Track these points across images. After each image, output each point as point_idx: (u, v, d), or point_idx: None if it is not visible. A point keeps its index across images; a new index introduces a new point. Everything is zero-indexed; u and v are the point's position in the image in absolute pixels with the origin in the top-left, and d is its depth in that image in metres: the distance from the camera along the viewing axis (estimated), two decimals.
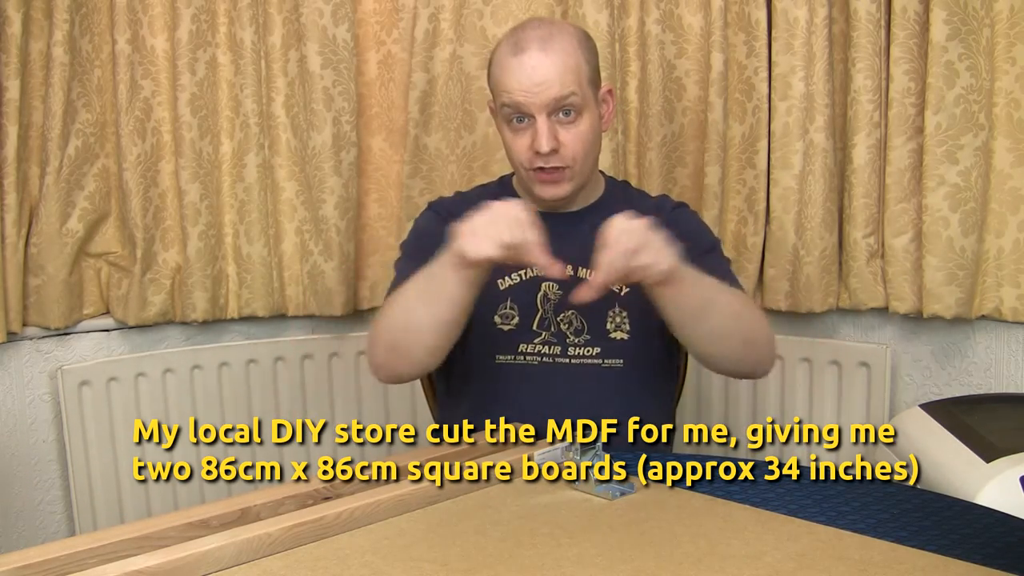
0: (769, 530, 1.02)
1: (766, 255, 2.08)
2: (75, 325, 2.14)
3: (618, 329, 1.47)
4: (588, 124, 1.44)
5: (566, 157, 1.43)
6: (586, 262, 1.44)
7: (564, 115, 1.42)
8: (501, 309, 1.48)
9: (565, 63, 1.41)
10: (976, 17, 1.84)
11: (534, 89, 1.40)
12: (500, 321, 1.48)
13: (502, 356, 1.48)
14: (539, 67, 1.40)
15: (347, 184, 2.17)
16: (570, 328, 1.48)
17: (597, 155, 1.51)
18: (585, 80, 1.43)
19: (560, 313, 1.48)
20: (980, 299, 1.93)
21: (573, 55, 1.42)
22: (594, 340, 1.47)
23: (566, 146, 1.43)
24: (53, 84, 2.00)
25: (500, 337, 1.48)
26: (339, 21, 2.11)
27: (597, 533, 1.03)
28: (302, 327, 2.29)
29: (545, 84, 1.40)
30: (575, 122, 1.43)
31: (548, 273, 1.25)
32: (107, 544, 0.97)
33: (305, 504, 1.10)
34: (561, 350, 1.47)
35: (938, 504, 1.11)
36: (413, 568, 0.96)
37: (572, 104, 1.41)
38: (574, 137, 1.43)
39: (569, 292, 1.40)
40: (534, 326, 1.48)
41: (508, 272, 1.49)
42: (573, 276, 1.46)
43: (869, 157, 1.96)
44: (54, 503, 2.16)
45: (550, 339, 1.48)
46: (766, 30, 2.01)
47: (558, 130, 1.42)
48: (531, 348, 1.48)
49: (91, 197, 2.11)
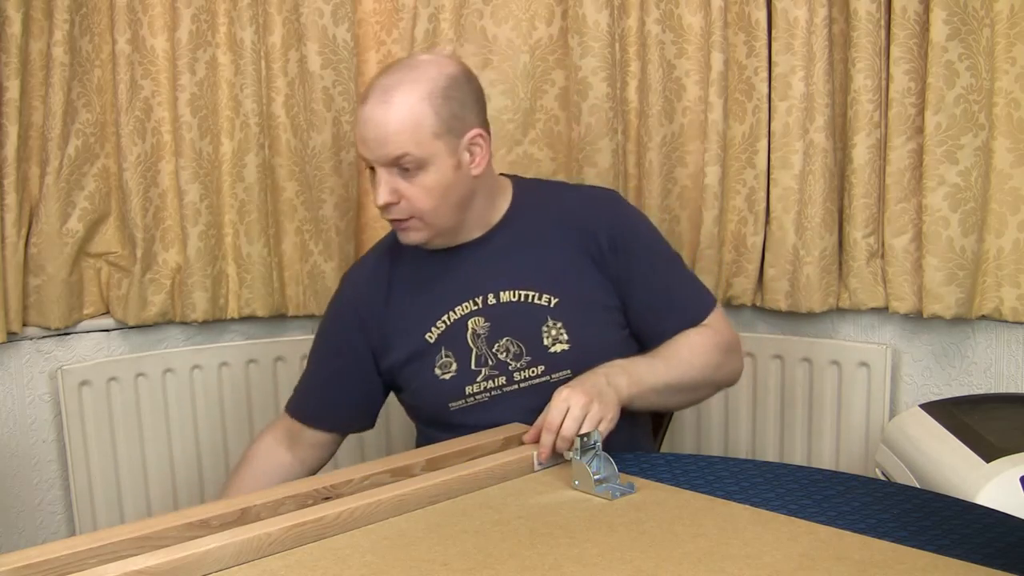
0: (769, 530, 1.02)
1: (766, 255, 2.08)
2: (75, 325, 2.14)
3: (556, 342, 1.44)
4: (435, 177, 1.38)
5: (409, 210, 1.40)
6: (499, 285, 1.47)
7: (404, 169, 1.38)
8: (438, 360, 1.46)
9: (401, 120, 1.35)
10: (976, 17, 1.84)
11: (369, 144, 1.38)
12: (441, 372, 1.46)
13: (454, 403, 1.46)
14: (371, 122, 1.36)
15: (347, 184, 2.17)
16: (508, 355, 1.45)
17: (458, 201, 1.43)
18: (427, 135, 1.36)
19: (494, 344, 1.45)
20: (980, 299, 1.93)
21: (412, 110, 1.35)
22: (536, 359, 1.44)
23: (408, 199, 1.39)
24: (53, 84, 2.00)
25: (446, 386, 1.46)
26: (339, 21, 2.11)
27: (597, 533, 1.03)
28: (302, 327, 2.29)
29: (377, 141, 1.36)
30: (417, 175, 1.38)
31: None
32: (107, 544, 0.97)
33: (305, 504, 1.10)
34: (507, 379, 1.45)
35: (938, 504, 1.11)
36: (413, 568, 0.96)
37: (409, 161, 1.37)
38: (416, 191, 1.38)
39: (498, 321, 1.45)
40: (472, 365, 1.45)
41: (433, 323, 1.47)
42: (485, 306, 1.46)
43: (869, 157, 1.96)
44: (54, 503, 2.17)
45: (491, 373, 1.45)
46: (766, 30, 2.00)
47: (399, 183, 1.38)
48: (477, 388, 1.45)
49: (91, 197, 2.11)
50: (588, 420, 1.25)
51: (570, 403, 1.26)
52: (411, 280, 1.51)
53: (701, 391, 1.50)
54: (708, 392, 1.53)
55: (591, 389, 1.29)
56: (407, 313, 1.49)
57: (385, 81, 1.38)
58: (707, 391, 1.52)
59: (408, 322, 1.49)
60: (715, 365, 1.47)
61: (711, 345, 1.47)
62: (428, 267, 1.50)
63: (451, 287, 1.48)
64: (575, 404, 1.25)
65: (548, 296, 1.45)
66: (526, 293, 1.46)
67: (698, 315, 1.49)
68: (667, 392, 1.41)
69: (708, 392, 1.53)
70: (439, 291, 1.48)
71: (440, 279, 1.49)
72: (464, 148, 1.41)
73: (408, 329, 1.49)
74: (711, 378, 1.48)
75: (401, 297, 1.51)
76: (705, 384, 1.49)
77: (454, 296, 1.47)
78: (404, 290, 1.51)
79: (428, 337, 1.47)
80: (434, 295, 1.48)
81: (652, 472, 1.24)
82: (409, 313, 1.49)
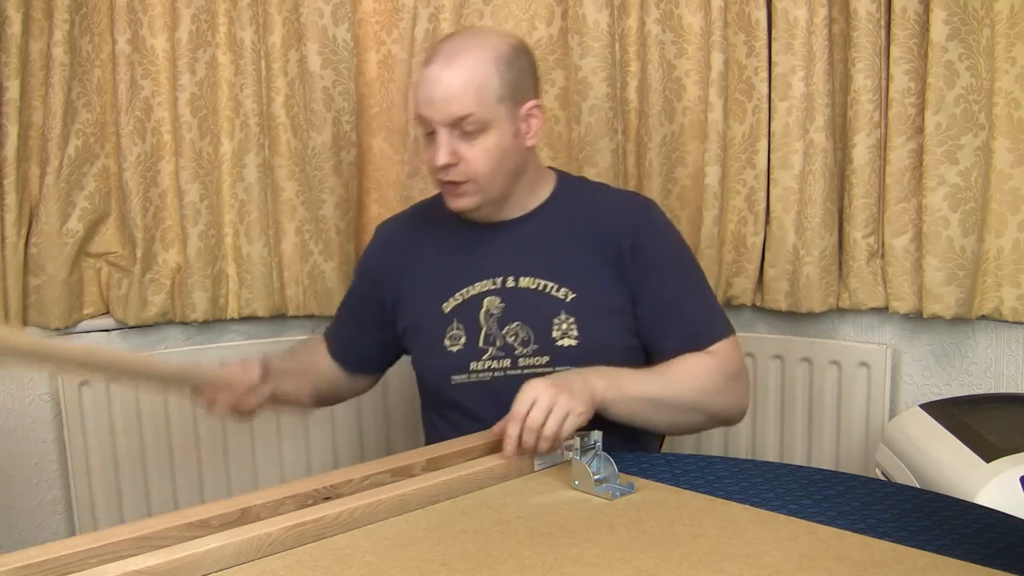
0: (769, 530, 1.02)
1: (766, 255, 2.08)
2: (75, 325, 2.14)
3: (565, 336, 1.45)
4: (495, 140, 1.41)
5: (466, 172, 1.42)
6: (521, 270, 1.48)
7: (465, 132, 1.40)
8: (449, 331, 1.49)
9: (468, 80, 1.38)
10: (976, 17, 1.84)
11: (434, 104, 1.39)
12: (449, 343, 1.48)
13: (457, 376, 1.48)
14: (439, 82, 1.39)
15: (347, 184, 2.17)
16: (517, 340, 1.46)
17: (512, 169, 1.46)
18: (491, 98, 1.39)
19: (505, 327, 1.47)
20: (980, 299, 1.93)
21: (479, 72, 1.39)
22: (542, 349, 1.45)
23: (467, 161, 1.41)
24: (53, 84, 2.00)
25: (452, 358, 1.48)
26: (339, 21, 2.11)
27: (597, 533, 1.03)
28: (302, 327, 2.29)
29: (444, 100, 1.39)
30: (477, 138, 1.40)
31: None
32: (107, 544, 0.97)
33: (305, 504, 1.10)
34: (511, 362, 1.46)
35: (938, 504, 1.11)
36: (413, 568, 0.96)
37: (472, 123, 1.39)
38: (476, 153, 1.41)
39: (512, 304, 1.47)
40: (480, 343, 1.47)
41: (451, 294, 1.50)
42: (503, 287, 1.49)
43: (869, 157, 1.96)
44: (54, 503, 2.16)
45: (497, 354, 1.46)
46: (766, 30, 2.00)
47: (459, 144, 1.41)
48: (481, 365, 1.47)
49: (91, 197, 2.11)
50: (555, 412, 1.23)
51: (537, 394, 1.25)
52: (438, 247, 1.55)
53: (692, 415, 1.44)
54: (701, 420, 1.46)
55: (561, 383, 1.28)
56: (427, 279, 1.53)
57: (451, 45, 1.43)
58: (700, 418, 1.46)
59: (427, 288, 1.52)
60: (712, 391, 1.43)
61: (713, 371, 1.43)
62: (457, 239, 1.54)
63: (475, 263, 1.51)
64: (542, 395, 1.24)
65: (565, 290, 1.46)
66: (545, 283, 1.47)
67: (704, 338, 1.45)
68: (650, 406, 1.38)
69: (701, 420, 1.46)
70: (462, 265, 1.51)
71: (466, 253, 1.52)
72: (522, 118, 1.45)
73: (426, 295, 1.52)
74: (705, 404, 1.43)
75: (427, 261, 1.54)
76: (697, 409, 1.43)
77: (475, 272, 1.50)
78: (430, 255, 1.55)
79: (444, 307, 1.50)
80: (457, 268, 1.51)
81: (652, 472, 1.24)
82: (429, 280, 1.53)
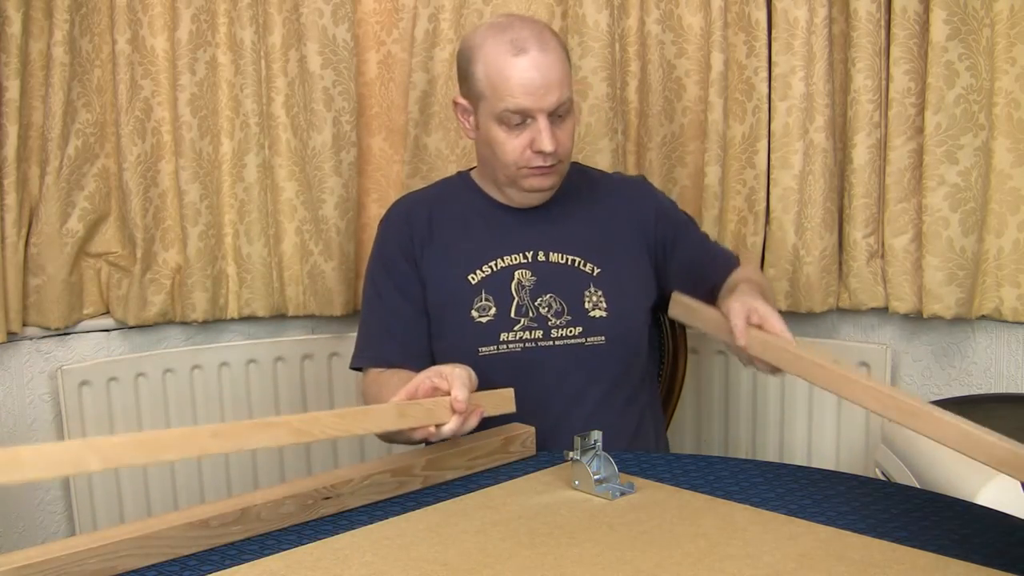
0: (769, 530, 1.02)
1: (766, 255, 2.08)
2: (75, 325, 2.14)
3: (596, 307, 1.51)
4: (573, 121, 1.50)
5: (560, 154, 1.48)
6: (549, 246, 1.53)
7: (557, 116, 1.45)
8: (476, 303, 1.51)
9: (563, 66, 1.45)
10: (976, 17, 1.84)
11: (539, 92, 1.42)
12: (478, 315, 1.50)
13: (485, 348, 1.49)
14: (539, 69, 1.42)
15: (347, 184, 2.17)
16: (550, 311, 1.50)
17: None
18: (571, 81, 1.47)
19: (537, 298, 1.51)
20: (980, 299, 1.93)
21: (565, 57, 1.47)
22: (575, 320, 1.50)
23: (561, 144, 1.47)
24: (53, 84, 2.00)
25: (480, 330, 1.50)
26: (339, 21, 2.11)
27: (597, 533, 1.03)
28: (302, 327, 2.29)
29: (547, 87, 1.42)
30: (566, 120, 1.48)
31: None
32: (107, 544, 0.97)
33: (305, 504, 1.10)
34: (544, 333, 1.50)
35: (938, 504, 1.11)
36: (413, 568, 0.96)
37: (566, 106, 1.46)
38: (566, 135, 1.48)
39: (543, 277, 1.51)
40: (512, 314, 1.50)
41: (478, 266, 1.52)
42: (533, 261, 1.52)
43: (869, 157, 1.96)
44: (54, 503, 2.17)
45: (530, 324, 1.50)
46: (766, 30, 2.00)
47: (554, 129, 1.45)
48: (512, 336, 1.50)
49: (91, 197, 2.11)
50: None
51: (757, 305, 1.26)
52: (463, 222, 1.56)
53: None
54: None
55: (759, 303, 1.29)
56: (452, 254, 1.54)
57: (532, 32, 1.44)
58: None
59: (452, 261, 1.53)
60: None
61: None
62: (481, 217, 1.56)
63: (501, 237, 1.54)
64: (764, 307, 1.26)
65: (592, 265, 1.53)
66: (573, 258, 1.53)
67: (733, 260, 1.62)
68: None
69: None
70: (488, 238, 1.54)
71: (490, 228, 1.55)
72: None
73: (451, 268, 1.53)
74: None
75: (450, 236, 1.56)
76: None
77: (503, 246, 1.53)
78: (453, 231, 1.56)
79: (471, 278, 1.51)
80: (482, 241, 1.54)
81: (652, 472, 1.24)
82: (455, 254, 1.54)
